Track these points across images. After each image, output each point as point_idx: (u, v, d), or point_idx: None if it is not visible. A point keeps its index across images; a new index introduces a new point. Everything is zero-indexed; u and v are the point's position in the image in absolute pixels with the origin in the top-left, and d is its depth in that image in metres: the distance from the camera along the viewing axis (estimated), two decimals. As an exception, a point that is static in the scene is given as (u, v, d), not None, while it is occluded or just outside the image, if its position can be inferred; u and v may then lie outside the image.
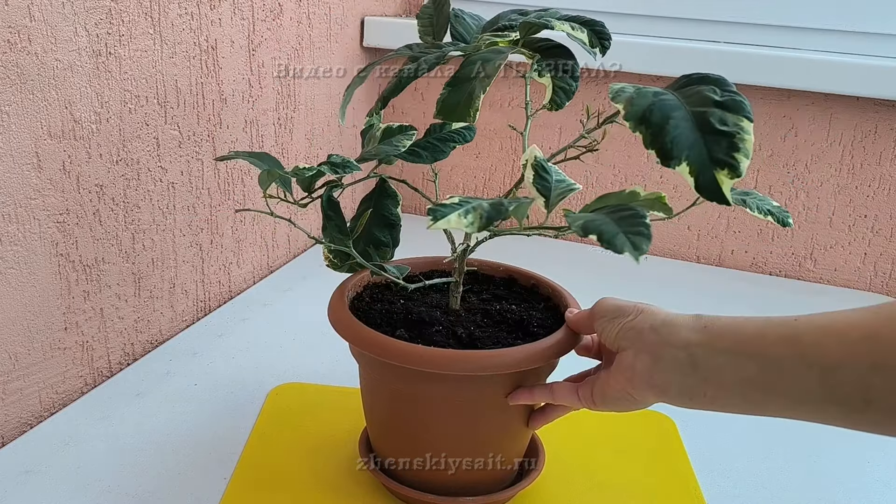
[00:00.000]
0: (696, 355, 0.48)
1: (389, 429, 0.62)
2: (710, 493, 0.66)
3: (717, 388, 0.47)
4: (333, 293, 0.63)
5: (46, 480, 0.62)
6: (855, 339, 0.42)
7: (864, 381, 0.41)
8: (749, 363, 0.46)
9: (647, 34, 1.16)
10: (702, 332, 0.48)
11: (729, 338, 0.47)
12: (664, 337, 0.49)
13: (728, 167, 0.44)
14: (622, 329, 0.52)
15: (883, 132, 1.09)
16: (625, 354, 0.52)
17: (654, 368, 0.49)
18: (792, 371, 0.44)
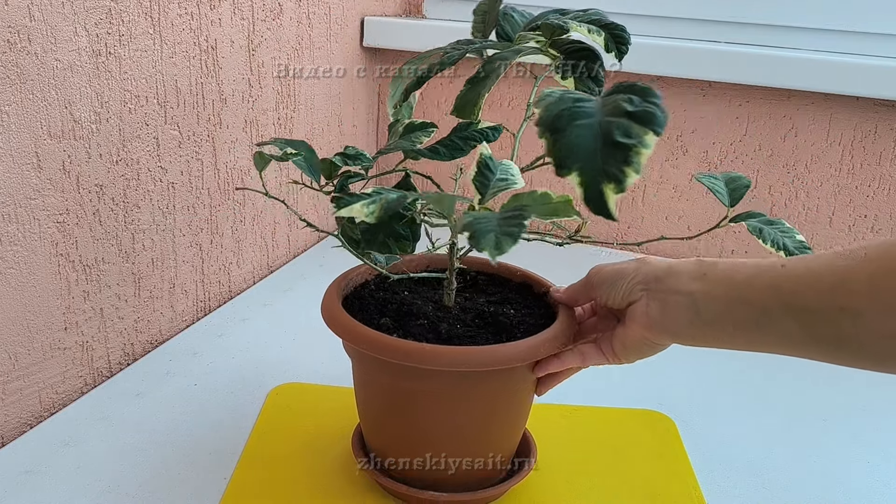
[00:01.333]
0: (697, 301, 0.53)
1: (380, 424, 0.63)
2: (710, 492, 0.66)
3: (718, 330, 0.52)
4: (329, 286, 0.64)
5: (46, 480, 0.62)
6: (826, 287, 0.47)
7: (835, 326, 0.46)
8: (740, 309, 0.51)
9: (647, 34, 1.16)
10: (701, 279, 0.53)
11: (723, 285, 0.52)
12: (670, 285, 0.54)
13: (615, 180, 0.42)
14: (628, 286, 0.56)
15: (883, 132, 1.09)
16: (637, 304, 0.56)
17: (665, 314, 0.54)
18: (776, 316, 0.49)
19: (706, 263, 0.54)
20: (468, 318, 0.62)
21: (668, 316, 0.54)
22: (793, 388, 0.83)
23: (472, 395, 0.58)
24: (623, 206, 1.23)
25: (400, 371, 0.57)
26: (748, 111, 1.14)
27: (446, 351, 0.55)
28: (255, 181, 0.98)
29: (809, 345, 0.49)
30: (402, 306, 0.63)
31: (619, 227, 1.24)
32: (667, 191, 1.20)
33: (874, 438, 0.76)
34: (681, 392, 0.81)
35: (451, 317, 0.62)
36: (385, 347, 0.56)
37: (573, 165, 0.43)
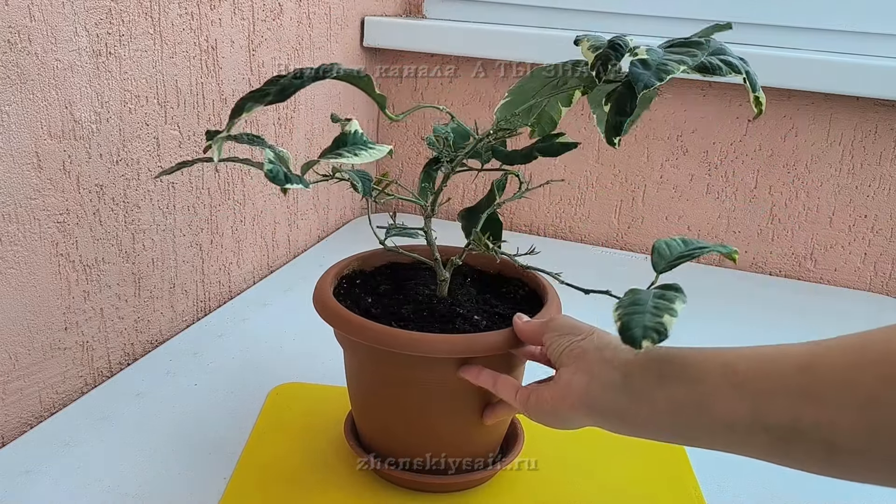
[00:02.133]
0: (631, 376, 0.48)
1: (369, 411, 0.64)
2: (711, 492, 0.66)
3: (649, 412, 0.47)
4: (321, 276, 0.65)
5: (46, 480, 0.62)
6: (789, 370, 0.42)
7: (793, 411, 0.41)
8: (682, 387, 0.46)
9: (647, 34, 1.16)
10: (640, 356, 0.49)
11: (664, 363, 0.47)
12: (604, 358, 0.50)
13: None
14: (569, 347, 0.53)
15: (883, 132, 1.09)
16: (564, 371, 0.52)
17: (588, 387, 0.50)
18: (725, 397, 0.44)
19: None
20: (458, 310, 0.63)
21: (592, 389, 0.49)
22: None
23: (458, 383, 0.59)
24: (623, 206, 1.23)
25: (385, 357, 0.58)
26: (748, 111, 1.14)
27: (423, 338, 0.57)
28: (256, 181, 0.98)
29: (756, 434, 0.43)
30: (395, 294, 0.65)
31: (619, 227, 1.24)
32: (667, 191, 1.20)
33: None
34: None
35: (435, 306, 0.63)
36: (373, 334, 0.57)
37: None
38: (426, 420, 0.61)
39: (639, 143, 1.20)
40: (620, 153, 1.22)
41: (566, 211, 1.27)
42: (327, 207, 1.18)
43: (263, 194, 1.00)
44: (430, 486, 0.62)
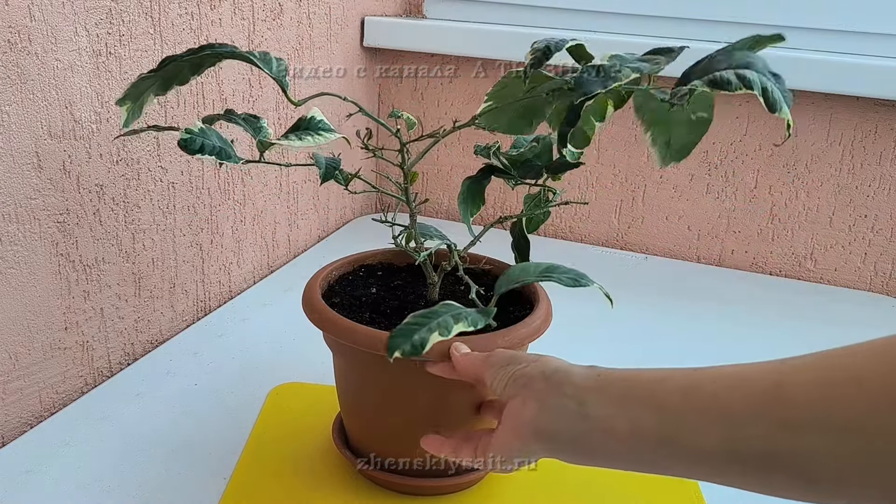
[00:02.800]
0: (586, 403, 0.44)
1: (356, 410, 0.64)
2: (710, 493, 0.66)
3: (607, 438, 0.43)
4: (310, 279, 0.65)
5: (46, 480, 0.62)
6: (759, 392, 0.38)
7: (768, 440, 0.37)
8: (644, 414, 0.42)
9: (647, 34, 1.16)
10: (594, 379, 0.45)
11: (622, 385, 0.44)
12: (554, 384, 0.46)
13: None
14: (513, 376, 0.49)
15: (883, 132, 1.09)
16: (513, 403, 0.48)
17: (541, 416, 0.46)
18: (692, 424, 0.40)
19: (601, 368, 0.46)
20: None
21: (546, 418, 0.45)
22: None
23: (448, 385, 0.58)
24: (623, 206, 1.23)
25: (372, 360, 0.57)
26: (748, 111, 1.14)
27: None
28: (256, 181, 0.98)
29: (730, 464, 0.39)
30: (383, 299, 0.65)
31: (619, 227, 1.24)
32: (667, 191, 1.20)
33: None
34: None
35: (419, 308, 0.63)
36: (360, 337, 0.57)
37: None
38: (414, 422, 0.61)
39: (639, 143, 1.20)
40: (620, 153, 1.22)
41: (566, 211, 1.27)
42: (327, 207, 1.18)
43: (263, 194, 1.00)
44: (426, 489, 0.62)
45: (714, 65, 0.50)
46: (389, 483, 0.62)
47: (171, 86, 0.57)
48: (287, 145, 0.58)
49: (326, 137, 0.60)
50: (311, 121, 0.62)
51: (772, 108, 0.49)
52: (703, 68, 0.51)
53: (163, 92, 0.57)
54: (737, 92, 0.49)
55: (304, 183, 1.10)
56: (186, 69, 0.56)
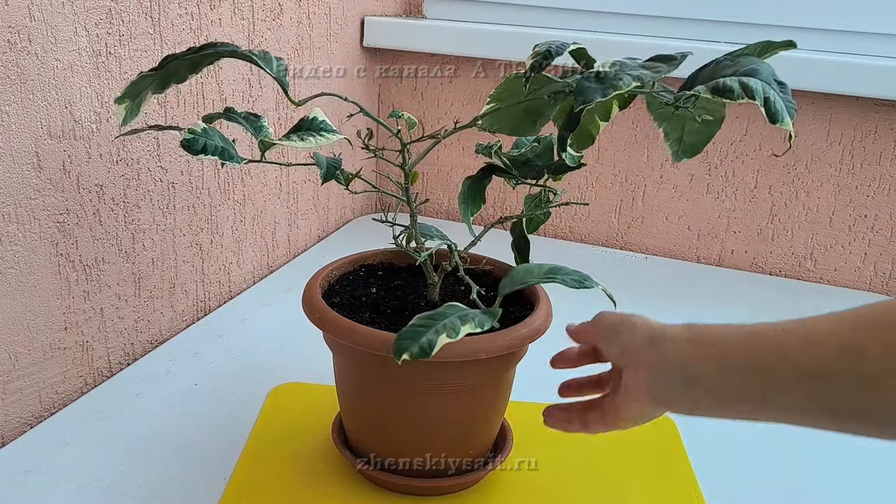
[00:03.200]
0: (688, 370, 0.48)
1: (357, 411, 0.64)
2: (710, 493, 0.66)
3: (711, 399, 0.48)
4: (310, 279, 0.65)
5: (46, 480, 0.62)
6: (836, 353, 0.42)
7: (852, 396, 0.42)
8: (737, 376, 0.46)
9: (647, 34, 1.16)
10: (691, 344, 0.49)
11: (717, 350, 0.48)
12: (659, 352, 0.50)
13: None
14: (621, 348, 0.53)
15: (883, 132, 1.09)
16: (627, 373, 0.52)
17: (653, 385, 0.50)
18: (781, 384, 0.44)
19: (695, 328, 0.50)
20: None
21: (658, 385, 0.50)
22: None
23: (449, 386, 0.59)
24: (623, 206, 1.23)
25: (374, 361, 0.58)
26: (748, 111, 1.14)
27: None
28: (256, 181, 0.98)
29: (823, 416, 0.44)
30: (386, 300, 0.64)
31: (619, 227, 1.24)
32: (667, 191, 1.20)
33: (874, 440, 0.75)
34: (681, 392, 0.81)
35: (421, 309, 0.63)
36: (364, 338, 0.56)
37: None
38: (416, 423, 0.61)
39: (639, 143, 1.20)
40: (620, 153, 1.22)
41: (566, 211, 1.27)
42: (327, 207, 1.18)
43: (263, 194, 1.00)
44: (426, 490, 0.62)
45: (720, 70, 0.50)
46: (389, 483, 0.62)
47: (168, 84, 0.57)
48: (289, 146, 0.58)
49: (328, 138, 0.60)
50: (314, 121, 0.62)
51: (773, 120, 0.48)
52: (709, 73, 0.50)
53: (161, 90, 0.57)
54: (739, 101, 0.48)
55: (304, 183, 1.10)
56: (184, 68, 0.56)
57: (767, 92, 0.48)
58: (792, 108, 0.48)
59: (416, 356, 0.47)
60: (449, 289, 0.68)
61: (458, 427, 0.61)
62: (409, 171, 0.63)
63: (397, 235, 0.65)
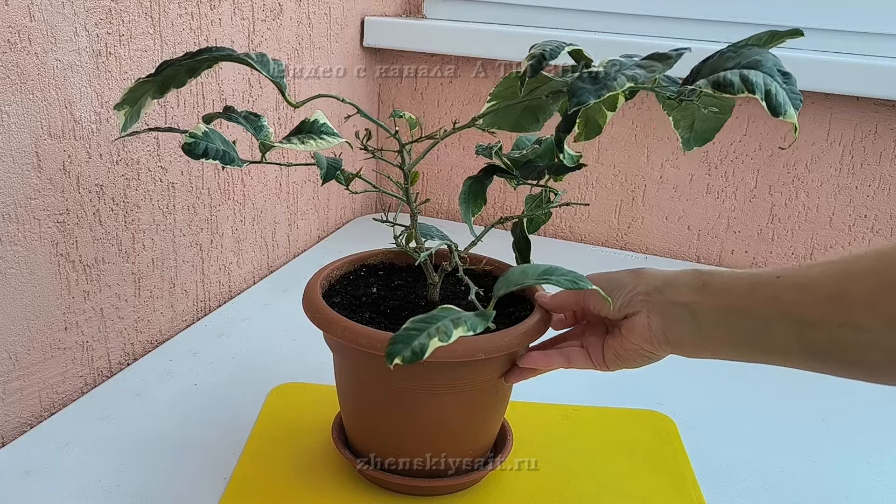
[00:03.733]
0: (696, 313, 0.53)
1: (359, 415, 0.64)
2: (710, 493, 0.66)
3: (715, 342, 0.53)
4: (310, 279, 0.65)
5: (46, 480, 0.62)
6: (824, 297, 0.47)
7: (834, 337, 0.46)
8: (739, 320, 0.51)
9: (647, 34, 1.16)
10: (700, 290, 0.53)
11: (723, 296, 0.52)
12: (670, 297, 0.54)
13: None
14: (627, 298, 0.56)
15: (883, 132, 1.09)
16: (637, 318, 0.56)
17: (667, 326, 0.54)
18: (774, 327, 0.49)
19: (704, 273, 0.54)
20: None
21: (670, 328, 0.54)
22: (792, 388, 0.83)
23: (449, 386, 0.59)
24: (623, 206, 1.23)
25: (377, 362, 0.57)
26: (748, 111, 1.14)
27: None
28: (256, 181, 0.98)
29: (808, 356, 0.49)
30: (386, 300, 0.64)
31: (619, 227, 1.24)
32: (667, 191, 1.20)
33: (874, 438, 0.75)
34: (681, 392, 0.81)
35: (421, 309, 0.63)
36: (364, 338, 0.56)
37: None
38: (416, 423, 0.61)
39: (639, 143, 1.20)
40: (620, 153, 1.22)
41: (566, 211, 1.27)
42: (327, 208, 1.18)
43: (263, 194, 1.00)
44: (426, 490, 0.62)
45: (722, 62, 0.49)
46: (389, 483, 0.62)
47: (168, 89, 0.57)
48: (290, 149, 0.58)
49: (329, 142, 0.60)
50: (314, 124, 0.62)
51: (775, 112, 0.47)
52: (712, 65, 0.50)
53: (160, 95, 0.57)
54: (739, 95, 0.47)
55: (304, 183, 1.10)
56: (183, 72, 0.56)
57: (769, 84, 0.47)
58: (797, 100, 0.47)
59: (407, 361, 0.47)
60: (450, 289, 0.68)
61: (458, 427, 0.61)
62: (408, 171, 0.63)
63: (398, 235, 0.65)
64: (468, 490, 0.64)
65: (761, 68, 0.48)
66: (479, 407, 0.62)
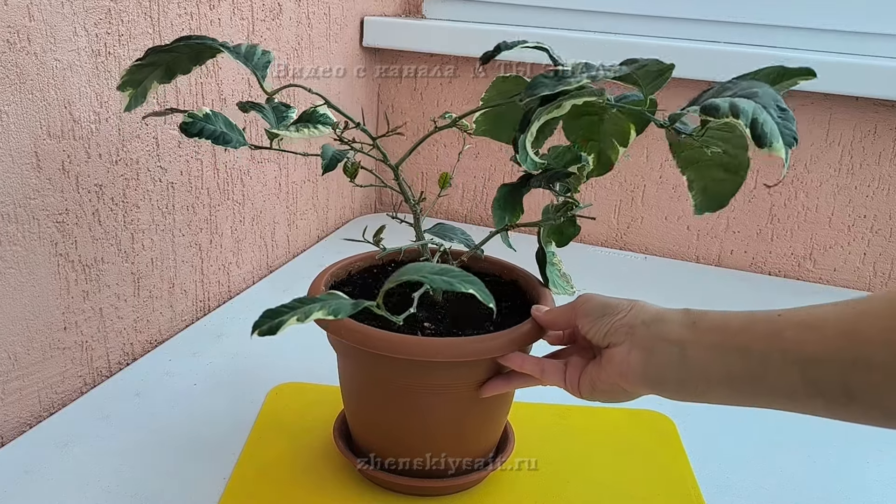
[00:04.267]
0: (686, 350, 0.49)
1: (363, 415, 0.63)
2: (710, 493, 0.66)
3: (706, 382, 0.49)
4: (315, 278, 0.65)
5: (46, 480, 0.62)
6: (833, 335, 0.43)
7: (844, 377, 0.43)
8: (734, 358, 0.47)
9: (647, 34, 1.16)
10: (691, 328, 0.50)
11: (716, 333, 0.49)
12: (656, 332, 0.51)
13: None
14: (612, 326, 0.53)
15: (883, 132, 1.09)
16: (617, 350, 0.53)
17: (649, 363, 0.51)
18: (776, 366, 0.45)
19: (695, 312, 0.51)
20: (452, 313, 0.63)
21: (653, 365, 0.51)
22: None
23: (451, 386, 0.59)
24: (622, 205, 1.23)
25: (381, 362, 0.58)
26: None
27: (420, 342, 0.56)
28: (255, 181, 0.98)
29: (814, 398, 0.45)
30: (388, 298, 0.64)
31: (619, 227, 1.24)
32: (666, 191, 1.20)
33: (874, 438, 0.75)
34: (680, 392, 0.81)
35: (438, 311, 0.63)
36: (368, 339, 0.56)
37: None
38: (424, 423, 0.61)
39: (638, 143, 1.20)
40: (620, 153, 1.22)
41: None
42: (326, 208, 1.18)
43: (263, 194, 1.00)
44: (427, 490, 0.62)
45: (723, 91, 0.49)
46: (389, 483, 0.62)
47: (174, 75, 0.58)
48: (285, 135, 0.59)
49: (321, 131, 0.60)
50: (314, 113, 0.62)
51: (759, 142, 0.45)
52: (713, 93, 0.49)
53: (167, 80, 0.58)
54: (724, 119, 0.45)
55: (304, 183, 1.10)
56: (186, 59, 0.57)
57: (759, 114, 0.45)
58: (790, 137, 0.44)
59: (263, 333, 0.48)
60: None
61: (459, 427, 0.61)
62: (396, 166, 0.63)
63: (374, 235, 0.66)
64: (468, 490, 0.64)
65: (756, 98, 0.46)
66: (481, 407, 0.61)
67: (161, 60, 0.57)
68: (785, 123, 0.45)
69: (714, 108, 0.46)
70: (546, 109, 0.52)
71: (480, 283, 0.50)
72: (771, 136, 0.44)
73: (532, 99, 0.49)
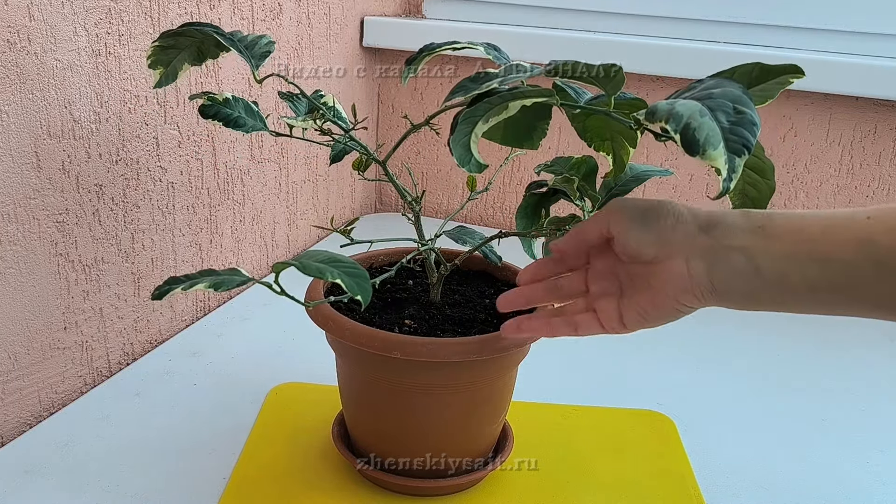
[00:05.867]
0: (756, 259, 0.44)
1: (362, 415, 0.63)
2: (710, 493, 0.66)
3: (783, 292, 0.45)
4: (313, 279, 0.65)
5: (46, 480, 0.62)
6: None
7: None
8: (817, 268, 0.43)
9: (646, 34, 1.16)
10: (757, 233, 0.45)
11: (790, 240, 0.44)
12: (718, 239, 0.46)
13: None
14: (659, 237, 0.47)
15: (883, 132, 1.09)
16: (671, 263, 0.47)
17: (713, 274, 0.46)
18: (868, 277, 0.41)
19: (756, 215, 0.46)
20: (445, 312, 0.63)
21: (718, 276, 0.45)
22: (792, 388, 0.83)
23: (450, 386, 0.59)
24: (623, 206, 1.23)
25: (380, 363, 0.58)
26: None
27: (421, 342, 0.56)
28: (255, 181, 0.98)
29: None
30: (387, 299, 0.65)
31: (619, 227, 1.24)
32: (666, 191, 1.20)
33: (873, 438, 0.76)
34: (681, 392, 0.81)
35: (436, 310, 0.63)
36: (366, 338, 0.56)
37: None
38: (422, 423, 0.61)
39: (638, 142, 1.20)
40: (620, 153, 1.22)
41: (567, 211, 1.26)
42: (326, 207, 1.18)
43: (263, 194, 1.00)
44: (426, 490, 0.62)
45: (687, 91, 0.45)
46: (389, 483, 0.62)
47: (204, 58, 0.60)
48: (288, 123, 0.61)
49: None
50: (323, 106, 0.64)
51: (688, 150, 0.39)
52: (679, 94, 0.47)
53: (198, 63, 0.60)
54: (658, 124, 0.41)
55: (304, 183, 1.10)
56: (213, 45, 0.59)
57: (694, 119, 0.40)
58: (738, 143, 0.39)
59: (154, 298, 0.50)
60: (454, 289, 0.68)
61: (458, 427, 0.61)
62: (384, 162, 0.64)
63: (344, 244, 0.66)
64: (468, 490, 0.64)
65: (708, 100, 0.41)
66: (480, 407, 0.61)
67: (182, 44, 0.59)
68: (735, 129, 0.40)
69: (651, 112, 0.42)
70: (494, 112, 0.51)
71: (362, 275, 0.48)
72: (705, 142, 0.39)
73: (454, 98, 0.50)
